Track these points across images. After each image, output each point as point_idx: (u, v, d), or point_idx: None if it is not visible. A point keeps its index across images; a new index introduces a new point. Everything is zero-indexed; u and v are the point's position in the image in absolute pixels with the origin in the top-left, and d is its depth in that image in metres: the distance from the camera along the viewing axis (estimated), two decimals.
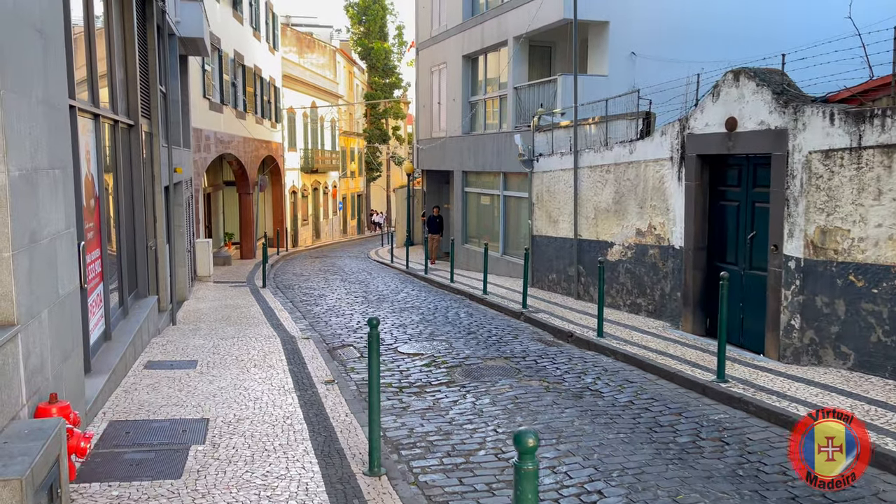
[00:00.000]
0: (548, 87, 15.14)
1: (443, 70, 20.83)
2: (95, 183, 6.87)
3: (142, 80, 9.56)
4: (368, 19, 50.88)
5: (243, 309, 12.61)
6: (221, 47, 19.89)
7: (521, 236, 16.56)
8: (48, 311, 4.34)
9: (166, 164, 10.94)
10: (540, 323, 10.72)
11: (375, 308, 12.91)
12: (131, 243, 9.03)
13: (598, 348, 8.95)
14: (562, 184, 13.06)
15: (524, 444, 2.77)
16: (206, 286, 16.26)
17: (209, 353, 8.34)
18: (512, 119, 16.53)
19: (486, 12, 17.83)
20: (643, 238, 10.57)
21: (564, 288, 13.20)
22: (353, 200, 49.84)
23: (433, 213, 21.27)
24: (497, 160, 17.15)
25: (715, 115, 8.74)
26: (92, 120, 6.80)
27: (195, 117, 16.64)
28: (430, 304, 13.40)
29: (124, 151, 8.73)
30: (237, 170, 23.50)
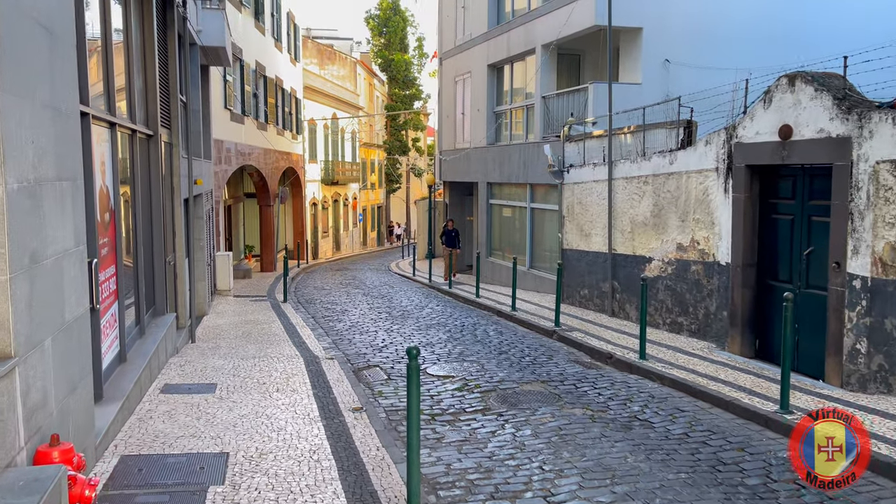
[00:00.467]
0: (578, 95, 14.63)
1: (467, 80, 20.42)
2: (111, 196, 6.47)
3: (161, 89, 9.21)
4: (389, 31, 50.85)
5: (264, 325, 12.18)
6: (243, 58, 19.64)
7: (549, 250, 16.01)
8: (52, 339, 3.90)
9: (186, 176, 10.58)
10: (575, 342, 10.16)
11: (400, 325, 12.42)
12: (149, 258, 8.64)
13: (641, 372, 8.37)
14: (594, 196, 12.52)
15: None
16: (226, 300, 15.89)
17: (229, 375, 7.89)
18: (540, 129, 16.03)
19: (513, 20, 17.40)
20: (685, 253, 9.99)
21: (597, 304, 12.63)
22: (373, 212, 49.56)
23: (447, 226, 20.31)
24: (524, 171, 16.65)
25: (767, 122, 8.18)
26: (108, 129, 6.41)
27: (216, 128, 16.35)
28: (457, 320, 12.89)
29: (142, 162, 8.36)
30: (258, 182, 23.22)
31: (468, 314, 13.73)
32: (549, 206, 15.77)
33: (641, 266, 11.09)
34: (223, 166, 17.67)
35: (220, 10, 13.92)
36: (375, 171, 49.23)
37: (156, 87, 8.60)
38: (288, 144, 26.75)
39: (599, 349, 9.50)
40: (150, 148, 8.61)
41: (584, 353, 9.70)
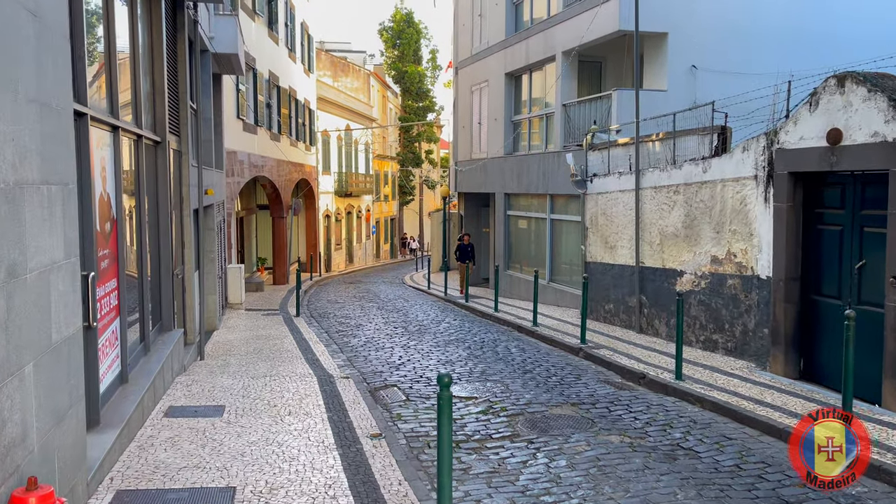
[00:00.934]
0: (600, 103, 14.14)
1: (484, 89, 19.99)
2: (113, 204, 6.04)
3: (170, 93, 8.82)
4: (402, 43, 50.71)
5: (276, 341, 11.72)
6: (256, 67, 19.34)
7: (570, 262, 15.47)
8: (34, 365, 3.43)
9: (196, 186, 10.17)
10: (603, 361, 9.60)
11: (417, 340, 11.91)
12: (155, 271, 8.21)
13: (678, 393, 7.80)
14: (620, 206, 11.99)
15: None
16: (237, 314, 15.45)
17: (238, 396, 7.41)
18: (560, 138, 15.54)
19: (531, 28, 16.97)
20: (720, 266, 9.42)
21: (623, 320, 12.06)
22: (386, 224, 49.19)
23: (463, 240, 19.51)
24: (543, 182, 16.15)
25: (813, 127, 7.64)
26: (110, 132, 5.98)
27: (228, 138, 16.00)
28: (476, 336, 12.36)
29: (149, 170, 7.94)
30: (271, 193, 22.87)
31: (487, 329, 13.20)
32: (571, 217, 15.25)
33: (672, 280, 10.54)
34: (236, 178, 17.31)
35: (233, 16, 13.59)
36: (389, 183, 48.91)
37: (164, 91, 8.21)
38: (301, 156, 26.43)
39: (630, 368, 8.93)
40: (158, 155, 8.20)
41: (614, 373, 9.14)
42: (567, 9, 15.23)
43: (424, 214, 58.41)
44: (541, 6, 16.80)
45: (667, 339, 10.79)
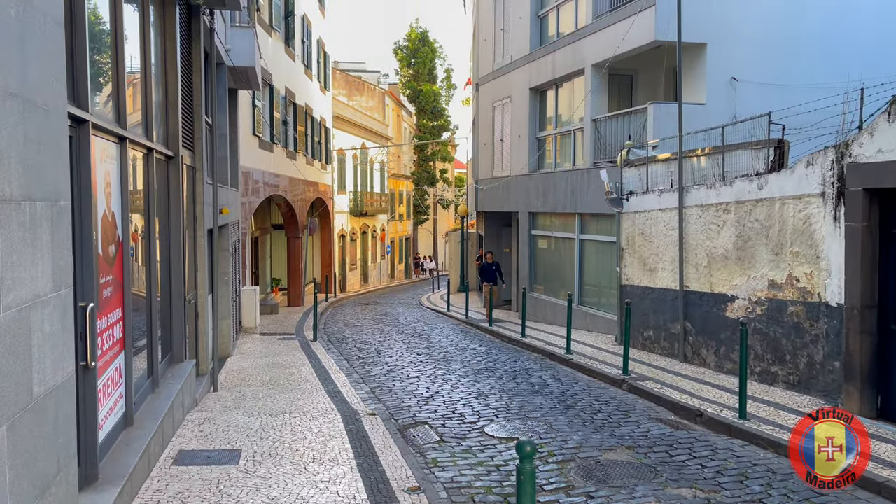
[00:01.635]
0: (635, 117, 13.44)
1: (506, 105, 19.36)
2: (119, 224, 5.37)
3: (184, 106, 8.20)
4: (417, 62, 50.45)
5: (293, 369, 10.99)
6: (273, 83, 18.84)
7: (601, 285, 14.69)
8: (9, 427, 2.72)
9: (210, 204, 9.52)
10: (651, 395, 8.78)
11: (444, 369, 11.14)
12: (166, 297, 7.53)
13: (744, 435, 6.98)
14: (661, 226, 11.23)
15: None
16: (251, 339, 14.76)
17: (256, 437, 6.67)
18: (590, 155, 14.83)
19: (558, 40, 16.35)
20: (780, 292, 8.62)
21: (665, 348, 11.24)
22: (401, 244, 48.57)
23: (486, 259, 18.20)
24: (571, 200, 15.43)
25: (893, 138, 6.88)
26: (116, 144, 5.32)
27: (244, 155, 15.42)
28: (506, 364, 11.57)
29: (160, 186, 7.29)
30: (286, 212, 22.29)
31: (517, 357, 12.40)
32: (602, 237, 14.49)
33: (721, 306, 9.73)
34: (250, 198, 16.71)
35: (250, 28, 13.06)
36: (404, 203, 48.36)
37: (177, 102, 7.58)
38: (317, 174, 25.89)
39: (684, 404, 8.11)
40: (170, 171, 7.55)
41: (666, 409, 8.32)
42: (597, 20, 14.59)
43: (439, 234, 57.86)
44: (568, 19, 16.19)
45: (716, 369, 9.96)
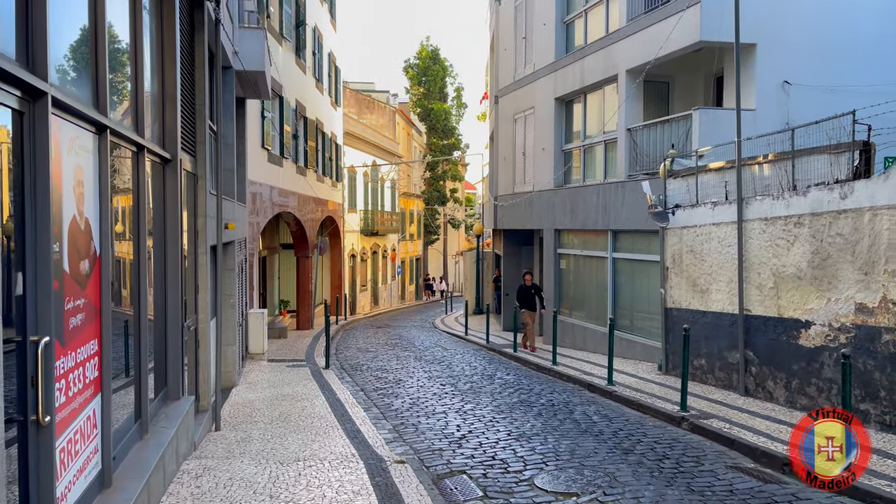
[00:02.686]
0: (676, 125, 12.36)
1: (529, 117, 18.34)
2: (95, 234, 4.28)
3: (185, 104, 7.17)
4: (428, 80, 49.81)
5: (305, 402, 9.84)
6: (283, 94, 17.91)
7: (639, 308, 13.51)
8: None
9: (214, 217, 8.46)
10: (720, 436, 7.58)
11: (473, 402, 9.96)
12: (160, 323, 6.43)
13: (858, 494, 5.76)
14: (714, 242, 10.08)
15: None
16: (259, 366, 13.62)
17: (264, 495, 5.51)
18: (624, 167, 13.74)
19: (587, 47, 15.34)
20: (871, 317, 7.44)
21: (720, 379, 10.04)
22: (412, 264, 47.47)
23: (524, 280, 15.40)
24: (603, 216, 14.31)
25: None
26: (92, 133, 4.26)
27: (252, 169, 14.42)
28: (542, 397, 10.38)
29: (155, 193, 6.24)
30: (295, 231, 21.25)
31: (551, 388, 11.21)
32: (639, 255, 13.34)
33: (793, 332, 8.55)
34: (258, 218, 15.67)
35: (261, 29, 12.10)
36: (414, 222, 47.36)
37: (175, 97, 6.54)
38: (328, 192, 24.91)
39: (765, 450, 6.91)
40: (167, 175, 6.49)
41: (742, 454, 7.11)
42: (631, 23, 13.58)
43: (449, 255, 56.76)
44: (598, 23, 15.20)
45: (787, 405, 8.75)
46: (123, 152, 5.12)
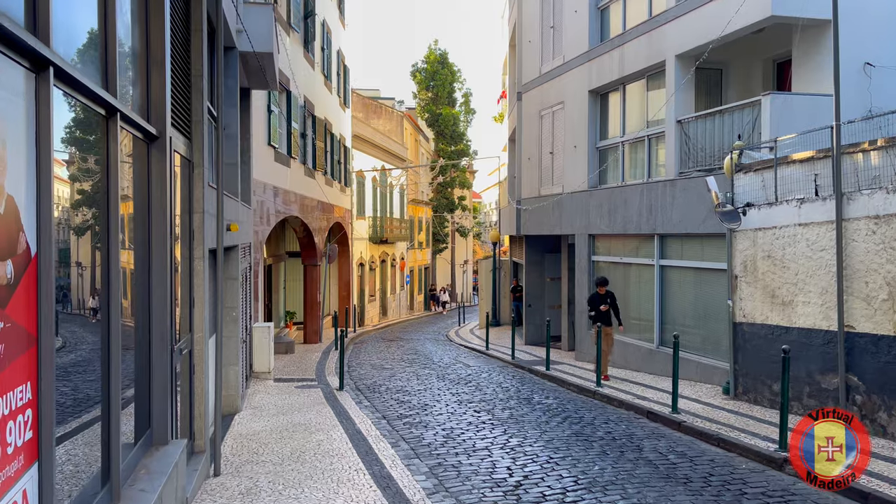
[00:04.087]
0: (740, 114, 10.89)
1: (557, 112, 16.90)
2: (27, 222, 2.82)
3: (177, 74, 5.74)
4: (437, 84, 48.58)
5: (320, 434, 8.34)
6: (291, 89, 16.50)
7: (693, 322, 11.99)
8: None
9: (214, 216, 7.00)
10: (852, 489, 6.05)
11: (518, 435, 8.44)
12: (143, 346, 4.97)
13: None
14: (801, 245, 8.59)
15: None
16: (265, 387, 12.13)
17: None
18: (674, 163, 12.27)
19: (626, 32, 13.91)
20: None
21: (810, 408, 8.47)
22: (420, 274, 45.99)
23: (598, 290, 12.32)
24: (648, 219, 12.83)
25: None
26: (23, 70, 2.79)
27: (258, 167, 12.98)
28: (598, 427, 8.86)
29: (138, 177, 4.80)
30: (303, 238, 19.80)
31: (603, 415, 9.69)
32: (694, 262, 11.85)
33: None
34: (263, 221, 14.21)
35: (269, 5, 10.68)
36: (423, 230, 45.92)
37: (163, 62, 5.10)
38: (336, 196, 23.47)
39: None
40: (153, 157, 5.04)
41: None
42: (682, 2, 12.14)
43: (457, 264, 55.27)
44: (639, 6, 13.77)
45: None
46: (84, 112, 3.66)
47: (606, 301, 12.20)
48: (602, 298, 12.21)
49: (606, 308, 12.13)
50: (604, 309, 12.10)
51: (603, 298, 12.20)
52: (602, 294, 12.24)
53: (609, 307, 12.18)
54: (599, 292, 12.27)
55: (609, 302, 12.21)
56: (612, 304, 12.26)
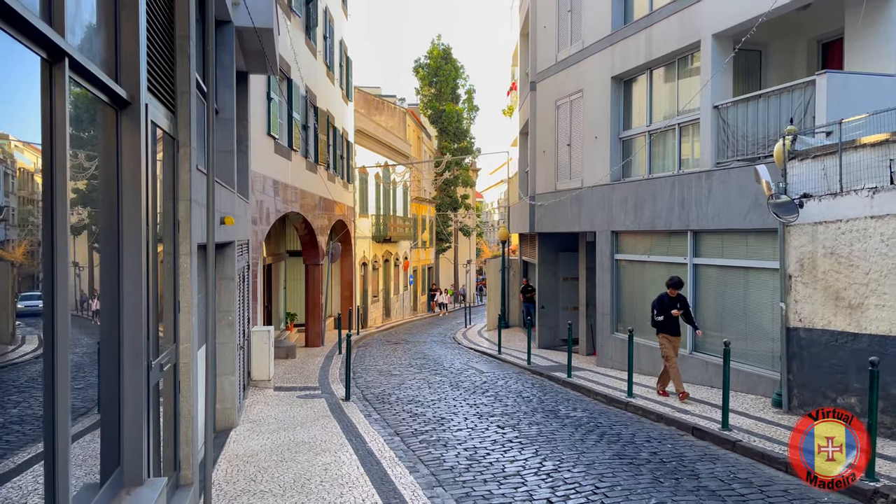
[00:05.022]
0: (788, 97, 9.87)
1: (576, 101, 15.88)
2: None
3: (157, 31, 4.72)
4: (440, 80, 47.61)
5: (328, 456, 7.33)
6: (292, 77, 15.48)
7: (734, 327, 10.96)
8: None
9: (204, 205, 5.98)
10: None
11: (552, 455, 7.42)
12: (110, 364, 3.96)
13: None
14: (874, 241, 7.57)
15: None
16: (264, 397, 11.11)
17: None
18: (710, 152, 11.25)
19: (654, 13, 12.88)
20: None
21: (886, 426, 7.47)
22: (423, 273, 44.96)
23: (668, 293, 10.29)
24: (681, 213, 11.82)
25: None
26: None
27: (256, 159, 11.97)
28: (640, 447, 7.83)
29: (104, 148, 3.79)
30: (304, 235, 18.78)
31: (643, 432, 8.66)
32: (734, 260, 10.83)
33: None
34: (263, 217, 13.19)
35: None
36: (427, 229, 44.90)
37: (136, 9, 4.07)
38: (339, 193, 22.46)
39: None
40: (123, 127, 4.02)
41: None
42: None
43: (459, 263, 54.25)
44: None
45: None
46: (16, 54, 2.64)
47: (677, 305, 10.18)
48: (672, 303, 10.20)
49: (678, 314, 10.18)
50: (675, 314, 10.16)
51: (673, 303, 10.20)
52: (673, 297, 10.21)
53: (681, 313, 10.23)
54: (670, 295, 10.23)
55: (679, 304, 10.22)
56: (681, 305, 10.26)
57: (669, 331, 10.24)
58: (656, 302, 10.39)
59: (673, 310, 10.17)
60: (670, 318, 10.20)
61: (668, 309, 10.19)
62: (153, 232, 4.61)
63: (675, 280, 10.27)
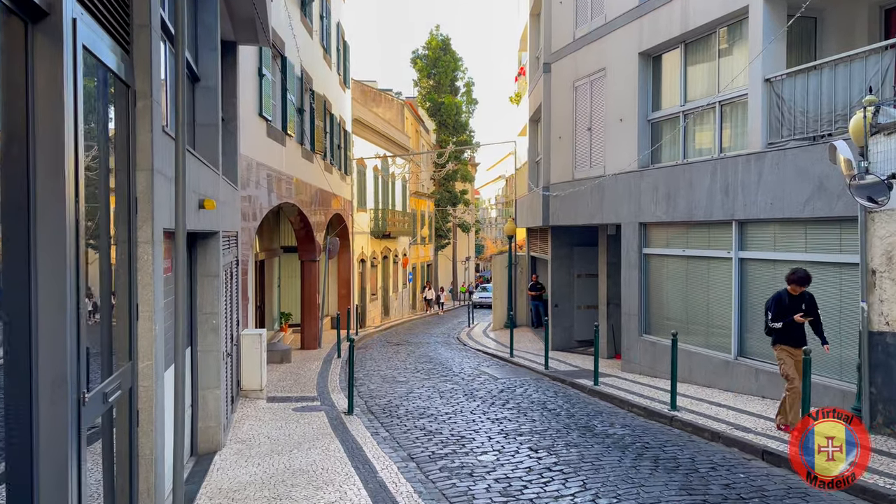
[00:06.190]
0: (861, 64, 8.55)
1: (596, 82, 14.54)
2: None
3: None
4: (438, 72, 46.32)
5: (331, 492, 6.00)
6: (286, 55, 14.11)
7: None
8: None
9: (172, 180, 4.61)
10: None
11: (607, 491, 6.09)
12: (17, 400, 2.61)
13: None
14: None
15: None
16: (255, 409, 9.76)
17: None
18: (761, 132, 9.93)
19: None
20: None
21: None
22: (423, 270, 43.61)
23: (788, 290, 7.78)
24: (723, 202, 10.51)
25: None
26: None
27: (246, 142, 10.61)
28: (706, 477, 6.51)
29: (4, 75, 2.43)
30: (300, 229, 17.41)
31: (705, 457, 7.34)
32: (790, 254, 9.51)
33: None
34: (254, 207, 11.82)
35: None
36: (426, 224, 43.54)
37: None
38: (337, 185, 21.09)
39: None
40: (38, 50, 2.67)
41: None
42: None
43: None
44: None
45: None
46: None
47: (801, 307, 7.67)
48: (795, 303, 7.72)
49: (803, 319, 7.63)
50: (799, 320, 7.62)
51: (796, 304, 7.71)
52: (795, 296, 7.72)
53: (805, 316, 7.64)
54: (791, 293, 7.73)
55: (807, 304, 7.71)
56: (810, 306, 7.71)
57: (792, 341, 7.68)
58: (772, 302, 7.83)
59: (797, 314, 7.62)
60: (794, 325, 7.67)
61: (791, 312, 7.66)
62: (91, 209, 3.26)
63: (800, 274, 7.71)
